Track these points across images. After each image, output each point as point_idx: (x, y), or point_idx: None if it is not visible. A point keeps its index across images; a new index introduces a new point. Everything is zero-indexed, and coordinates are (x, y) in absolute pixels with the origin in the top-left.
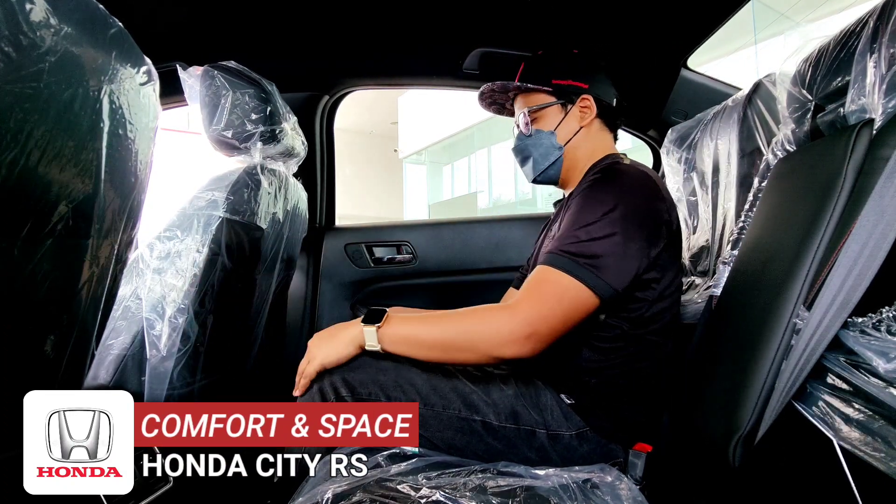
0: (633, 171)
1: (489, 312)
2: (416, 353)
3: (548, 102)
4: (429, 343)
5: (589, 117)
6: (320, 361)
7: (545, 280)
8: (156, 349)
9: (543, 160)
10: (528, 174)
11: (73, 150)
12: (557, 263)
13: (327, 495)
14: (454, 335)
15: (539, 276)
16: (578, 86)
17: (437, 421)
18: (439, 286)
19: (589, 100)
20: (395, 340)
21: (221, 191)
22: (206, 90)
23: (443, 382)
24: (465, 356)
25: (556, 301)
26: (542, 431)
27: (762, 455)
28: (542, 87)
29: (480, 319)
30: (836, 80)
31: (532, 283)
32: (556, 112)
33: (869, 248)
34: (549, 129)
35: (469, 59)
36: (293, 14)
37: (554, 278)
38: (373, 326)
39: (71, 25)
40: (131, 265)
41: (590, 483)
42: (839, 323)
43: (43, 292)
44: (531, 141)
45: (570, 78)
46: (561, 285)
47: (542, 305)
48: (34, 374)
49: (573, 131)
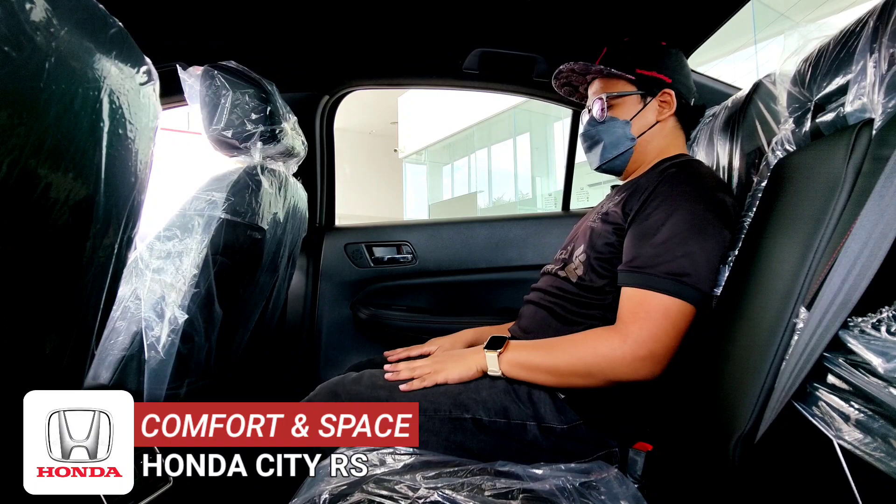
0: (709, 173)
1: (600, 338)
2: (534, 379)
3: (628, 91)
4: (547, 370)
5: (667, 112)
6: (444, 377)
7: (649, 299)
8: (155, 350)
9: (613, 148)
10: (594, 161)
11: (72, 150)
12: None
13: (325, 495)
14: (571, 363)
15: (640, 297)
16: (662, 79)
17: (430, 424)
18: (439, 286)
19: (670, 94)
20: (514, 366)
21: (221, 191)
22: (206, 90)
23: (433, 387)
24: (584, 381)
25: (665, 320)
26: (534, 424)
27: (762, 454)
28: (625, 74)
29: (593, 347)
30: (836, 80)
31: (634, 304)
32: (635, 102)
33: (869, 248)
34: (625, 119)
35: (469, 59)
36: (293, 14)
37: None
38: (494, 352)
39: (71, 25)
40: (131, 265)
41: (588, 483)
42: (839, 323)
43: (43, 292)
44: (603, 127)
45: (655, 70)
46: (667, 303)
47: (653, 325)
48: (34, 374)
49: (649, 124)
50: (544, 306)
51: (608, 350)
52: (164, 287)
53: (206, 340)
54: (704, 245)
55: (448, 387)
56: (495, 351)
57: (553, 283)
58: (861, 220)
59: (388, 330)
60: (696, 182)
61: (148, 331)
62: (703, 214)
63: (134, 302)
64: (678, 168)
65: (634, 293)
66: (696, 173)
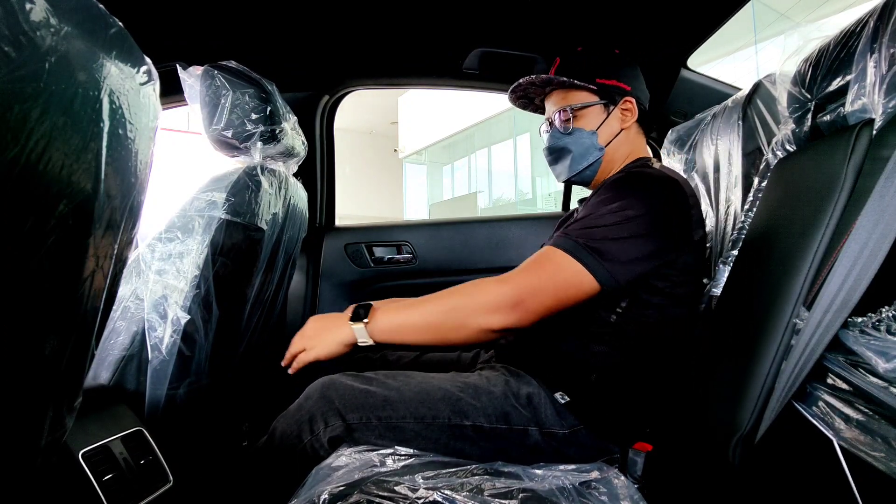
0: (659, 175)
1: (478, 284)
2: (408, 339)
3: (591, 101)
4: (419, 326)
5: (630, 120)
6: (316, 355)
7: (545, 256)
8: (157, 350)
9: (582, 160)
10: (562, 173)
11: (73, 150)
12: (561, 244)
13: (325, 496)
14: (442, 313)
15: (539, 254)
16: (622, 87)
17: (429, 432)
18: (439, 286)
19: (631, 102)
20: (385, 331)
21: (221, 192)
22: (206, 90)
23: (432, 393)
24: (457, 334)
25: (549, 276)
26: (535, 429)
27: (762, 455)
28: (586, 84)
29: (468, 292)
30: (836, 80)
31: (531, 259)
32: (599, 112)
33: (869, 248)
34: (591, 129)
35: (469, 59)
36: (293, 14)
37: (553, 256)
38: (361, 323)
39: (71, 25)
40: (131, 265)
41: (588, 483)
42: (839, 323)
43: (43, 292)
44: (571, 139)
45: (614, 78)
46: (558, 263)
47: (535, 277)
48: (34, 374)
49: (614, 133)
50: None
51: (483, 295)
52: (165, 288)
53: (208, 341)
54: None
55: (446, 392)
56: (361, 322)
57: None
58: (861, 220)
59: None
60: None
61: (150, 331)
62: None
63: (134, 302)
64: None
65: (542, 250)
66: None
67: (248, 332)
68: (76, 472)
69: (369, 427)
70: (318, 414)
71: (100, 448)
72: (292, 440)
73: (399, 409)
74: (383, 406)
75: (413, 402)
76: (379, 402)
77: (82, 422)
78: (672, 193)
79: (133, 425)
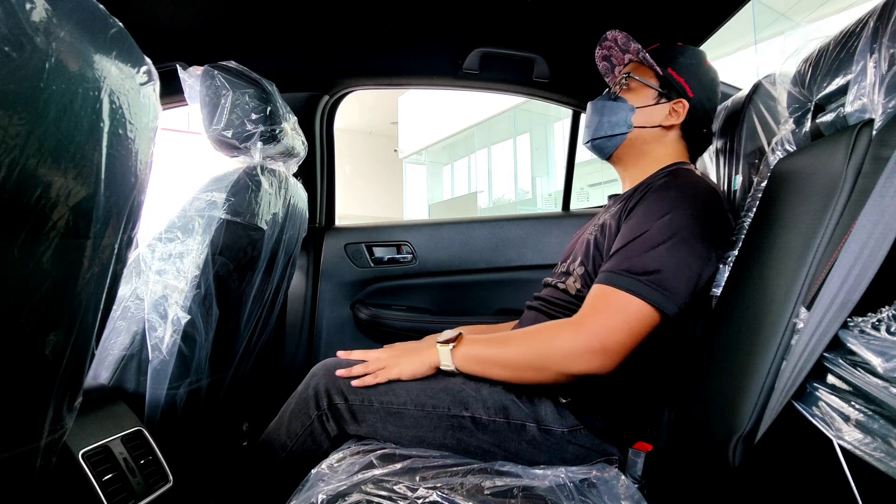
0: (700, 181)
1: (555, 330)
2: (488, 373)
3: (650, 83)
4: (501, 363)
5: (673, 120)
6: (398, 373)
7: (609, 295)
8: (158, 350)
9: (609, 127)
10: (587, 134)
11: (72, 150)
12: (620, 283)
13: (323, 496)
14: (525, 355)
15: (601, 292)
16: (686, 89)
17: (429, 420)
18: (439, 286)
19: (683, 105)
20: (469, 360)
21: (221, 192)
22: (206, 90)
23: (435, 382)
24: (538, 375)
25: (622, 315)
26: (533, 425)
27: (762, 455)
28: (656, 66)
29: (547, 338)
30: (835, 81)
31: (595, 298)
32: (650, 96)
33: (869, 248)
34: (633, 104)
35: (469, 59)
36: (293, 14)
37: (614, 298)
38: (447, 347)
39: (71, 25)
40: (131, 265)
41: (587, 482)
42: (839, 323)
43: (43, 292)
44: (610, 104)
45: (684, 77)
46: (624, 303)
47: (609, 319)
48: (34, 374)
49: (651, 122)
50: (546, 313)
51: (562, 341)
52: (165, 288)
53: (208, 340)
54: (677, 252)
55: (448, 382)
56: (448, 346)
57: (554, 293)
58: (861, 220)
59: (387, 330)
60: (684, 189)
61: (151, 331)
62: (682, 222)
63: (134, 302)
64: (670, 175)
65: (598, 289)
66: (686, 181)
67: (248, 331)
68: (76, 472)
69: (371, 410)
70: (323, 390)
71: (100, 448)
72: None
73: (401, 395)
74: (385, 391)
75: (415, 390)
76: (381, 387)
77: (82, 422)
78: (711, 197)
79: (133, 425)
